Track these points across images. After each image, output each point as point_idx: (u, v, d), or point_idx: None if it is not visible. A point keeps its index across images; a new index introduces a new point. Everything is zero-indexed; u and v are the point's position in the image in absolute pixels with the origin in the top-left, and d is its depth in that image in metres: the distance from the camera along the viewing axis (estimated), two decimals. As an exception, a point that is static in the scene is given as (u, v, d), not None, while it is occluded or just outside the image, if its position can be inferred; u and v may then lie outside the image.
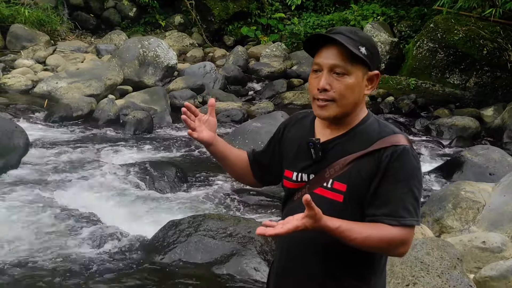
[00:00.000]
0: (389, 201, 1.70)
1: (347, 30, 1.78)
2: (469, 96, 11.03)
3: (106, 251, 4.50)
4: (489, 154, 6.47)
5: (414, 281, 3.37)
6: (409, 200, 1.70)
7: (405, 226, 1.69)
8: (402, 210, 1.69)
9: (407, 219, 1.69)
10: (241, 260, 4.16)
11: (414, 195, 1.71)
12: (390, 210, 1.69)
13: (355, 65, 1.74)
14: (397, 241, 1.68)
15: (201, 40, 15.40)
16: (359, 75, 1.75)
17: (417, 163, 1.74)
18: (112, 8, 15.88)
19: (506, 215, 4.44)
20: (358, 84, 1.76)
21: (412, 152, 1.73)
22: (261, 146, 8.51)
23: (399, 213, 1.69)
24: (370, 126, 1.80)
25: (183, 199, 5.84)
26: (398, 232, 1.68)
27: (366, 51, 1.74)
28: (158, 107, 9.39)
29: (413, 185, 1.72)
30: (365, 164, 1.73)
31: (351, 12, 14.06)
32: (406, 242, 1.70)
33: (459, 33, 11.07)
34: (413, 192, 1.71)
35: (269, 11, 15.34)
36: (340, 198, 1.76)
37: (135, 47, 10.90)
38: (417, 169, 1.74)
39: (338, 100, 1.75)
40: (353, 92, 1.76)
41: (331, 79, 1.75)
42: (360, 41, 1.75)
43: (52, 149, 7.18)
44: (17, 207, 5.28)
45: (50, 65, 11.70)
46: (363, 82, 1.77)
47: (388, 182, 1.71)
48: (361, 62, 1.74)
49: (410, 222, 1.69)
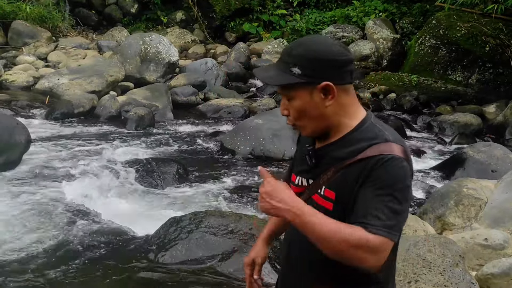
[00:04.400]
0: (363, 208, 1.60)
1: (285, 52, 1.71)
2: (471, 93, 11.01)
3: (107, 248, 4.49)
4: (491, 151, 6.45)
5: (416, 279, 3.36)
6: (384, 210, 1.56)
7: (376, 234, 1.54)
8: (373, 218, 1.56)
9: (376, 227, 1.54)
10: (243, 257, 4.13)
11: (392, 206, 1.57)
12: (362, 217, 1.58)
13: (294, 87, 1.68)
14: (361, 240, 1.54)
15: (203, 37, 15.39)
16: (303, 94, 1.68)
17: (403, 174, 1.60)
18: (114, 4, 15.89)
19: (508, 212, 4.43)
20: (308, 104, 1.68)
21: (400, 163, 1.60)
22: (262, 142, 8.49)
23: (369, 220, 1.56)
24: (364, 132, 1.70)
25: (185, 196, 5.84)
26: (371, 236, 1.54)
27: (300, 69, 1.66)
28: (159, 104, 9.38)
29: (392, 195, 1.58)
30: (352, 172, 1.66)
31: (353, 9, 14.05)
32: (376, 251, 1.54)
33: (461, 29, 11.04)
34: (391, 202, 1.57)
35: (271, 8, 15.32)
36: (330, 206, 1.70)
37: (136, 43, 10.89)
38: (401, 180, 1.59)
39: (298, 123, 1.73)
40: (306, 112, 1.70)
41: (287, 104, 1.74)
42: (293, 61, 1.67)
43: (54, 145, 7.17)
44: (18, 203, 5.27)
45: (52, 61, 11.69)
46: (314, 98, 1.68)
47: (365, 188, 1.61)
48: (299, 83, 1.67)
49: (377, 231, 1.54)
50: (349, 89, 1.72)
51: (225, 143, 7.45)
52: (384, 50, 12.33)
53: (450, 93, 11.04)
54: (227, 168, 6.85)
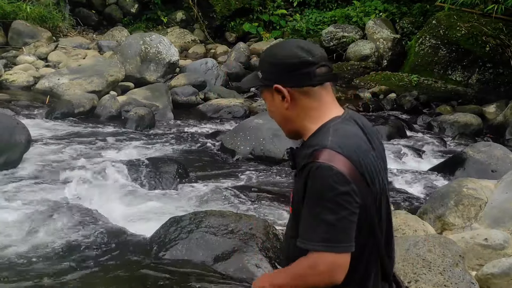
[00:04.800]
0: (302, 222, 1.65)
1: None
2: (472, 93, 11.01)
3: (107, 248, 4.49)
4: (491, 151, 6.45)
5: (416, 278, 3.37)
6: (319, 224, 1.59)
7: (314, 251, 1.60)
8: (310, 233, 1.61)
9: (313, 243, 1.60)
10: (243, 257, 4.15)
11: (324, 217, 1.58)
12: (301, 231, 1.65)
13: (261, 91, 1.85)
14: (305, 269, 1.61)
15: (203, 37, 15.39)
16: (268, 97, 1.80)
17: (331, 182, 1.59)
18: (114, 4, 15.89)
19: (509, 212, 4.43)
20: (272, 106, 1.80)
21: (327, 171, 1.59)
22: (262, 142, 8.48)
23: (306, 237, 1.62)
24: (315, 137, 1.73)
25: (185, 196, 5.84)
26: (311, 259, 1.61)
27: (261, 73, 1.79)
28: (160, 104, 9.38)
29: (323, 206, 1.59)
30: (299, 178, 1.70)
31: (353, 9, 14.05)
32: (314, 266, 1.60)
33: (461, 29, 11.04)
34: (323, 213, 1.58)
35: (271, 8, 15.31)
36: (291, 210, 1.79)
37: (137, 43, 10.89)
38: (330, 189, 1.58)
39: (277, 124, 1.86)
40: (274, 114, 1.82)
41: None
42: (259, 66, 1.81)
43: (54, 145, 7.18)
44: (19, 203, 5.28)
45: (52, 61, 11.69)
46: (275, 100, 1.77)
47: (305, 201, 1.65)
48: (262, 86, 1.82)
49: (313, 247, 1.59)
50: (312, 92, 1.73)
51: (225, 143, 7.46)
52: (384, 50, 12.33)
53: (450, 93, 11.04)
54: (227, 168, 6.85)
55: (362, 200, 1.63)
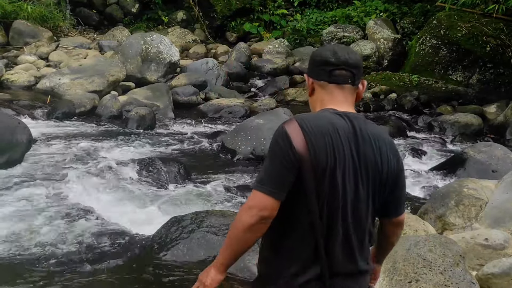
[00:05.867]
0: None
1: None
2: (472, 93, 11.01)
3: (108, 247, 4.50)
4: (492, 151, 6.45)
5: (416, 278, 3.37)
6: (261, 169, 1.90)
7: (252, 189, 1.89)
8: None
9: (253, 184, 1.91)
10: (243, 256, 4.14)
11: (264, 164, 1.89)
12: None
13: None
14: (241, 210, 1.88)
15: (204, 37, 15.40)
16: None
17: (275, 136, 1.88)
18: (115, 4, 15.90)
19: (509, 212, 4.44)
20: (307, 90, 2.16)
21: (277, 130, 1.88)
22: (263, 142, 8.47)
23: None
24: None
25: (186, 195, 5.84)
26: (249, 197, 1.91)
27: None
28: (160, 104, 9.39)
29: (266, 156, 1.90)
30: None
31: (353, 9, 14.05)
32: (248, 201, 1.86)
33: (462, 29, 11.05)
34: (265, 161, 1.89)
35: (272, 8, 15.33)
36: None
37: (137, 43, 10.90)
38: (273, 143, 1.88)
39: None
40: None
41: None
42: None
43: (55, 145, 7.18)
44: (20, 202, 5.29)
45: (53, 61, 11.70)
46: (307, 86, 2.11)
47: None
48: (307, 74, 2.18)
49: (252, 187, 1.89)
50: (327, 87, 1.98)
51: (226, 143, 7.46)
52: (385, 50, 12.33)
53: (450, 93, 11.05)
54: (228, 168, 6.85)
55: (299, 166, 1.82)
